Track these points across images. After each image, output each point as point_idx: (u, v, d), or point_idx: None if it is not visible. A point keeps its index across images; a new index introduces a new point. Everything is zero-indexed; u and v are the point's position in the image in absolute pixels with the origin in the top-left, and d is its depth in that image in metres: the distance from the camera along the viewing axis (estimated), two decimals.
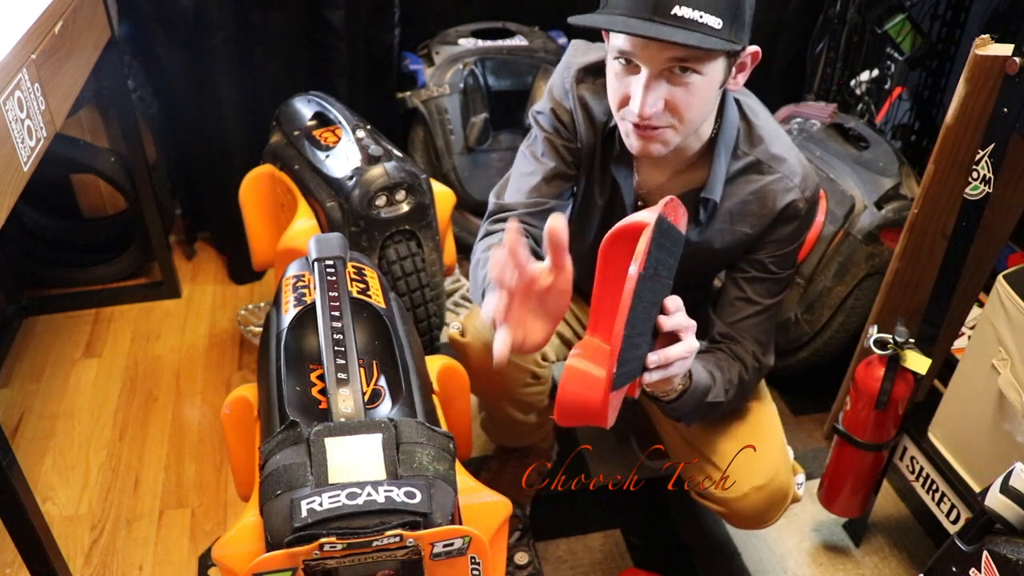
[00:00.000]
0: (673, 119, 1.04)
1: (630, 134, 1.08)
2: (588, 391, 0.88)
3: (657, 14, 0.95)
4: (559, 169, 1.23)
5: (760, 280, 1.22)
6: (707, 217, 1.18)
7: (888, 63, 2.10)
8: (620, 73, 1.04)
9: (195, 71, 2.03)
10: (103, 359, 2.00)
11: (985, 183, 1.18)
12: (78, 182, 2.23)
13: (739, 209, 1.17)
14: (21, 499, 1.16)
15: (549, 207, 1.23)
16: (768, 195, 1.16)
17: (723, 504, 1.29)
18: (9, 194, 1.14)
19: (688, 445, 1.35)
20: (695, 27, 0.95)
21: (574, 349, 0.91)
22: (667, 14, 0.95)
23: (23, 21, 1.26)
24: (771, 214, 1.16)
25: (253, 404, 1.13)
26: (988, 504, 0.89)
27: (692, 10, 0.95)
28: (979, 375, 1.26)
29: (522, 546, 1.50)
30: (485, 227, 1.26)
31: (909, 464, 1.43)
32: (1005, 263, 1.77)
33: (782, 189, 1.15)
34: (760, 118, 1.17)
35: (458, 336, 1.36)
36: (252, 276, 2.27)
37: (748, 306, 1.22)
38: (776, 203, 1.16)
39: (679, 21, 0.95)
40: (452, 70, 2.21)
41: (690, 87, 1.01)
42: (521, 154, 1.29)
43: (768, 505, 1.27)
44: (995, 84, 1.20)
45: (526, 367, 1.34)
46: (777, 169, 1.15)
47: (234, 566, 0.91)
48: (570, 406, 0.89)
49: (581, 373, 0.88)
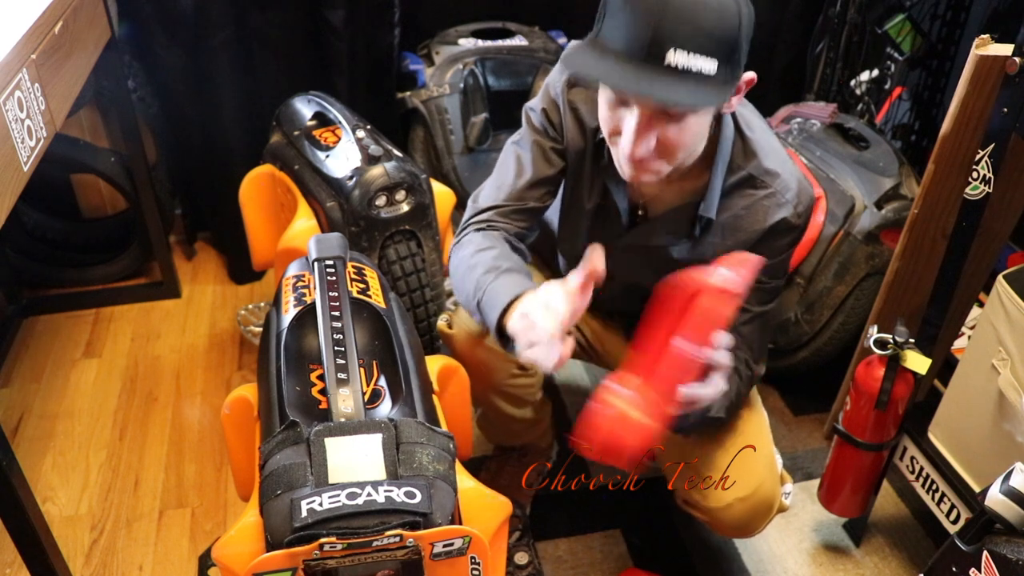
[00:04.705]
0: (664, 155, 1.04)
1: (622, 163, 1.08)
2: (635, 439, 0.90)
3: (650, 61, 0.94)
4: (543, 174, 1.24)
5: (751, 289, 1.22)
6: (701, 232, 1.19)
7: (888, 63, 2.10)
8: (612, 103, 1.03)
9: (195, 71, 2.03)
10: (103, 359, 2.00)
11: (985, 183, 1.18)
12: (78, 182, 2.23)
13: (731, 223, 1.18)
14: (21, 499, 1.16)
15: (529, 207, 1.24)
16: (760, 210, 1.16)
17: (707, 513, 1.29)
18: (9, 194, 1.14)
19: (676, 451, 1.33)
20: (689, 77, 0.94)
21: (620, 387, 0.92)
22: (660, 63, 0.93)
23: (23, 21, 1.26)
24: (762, 229, 1.16)
25: (253, 404, 1.13)
26: (988, 504, 0.89)
27: (687, 55, 0.93)
28: (979, 375, 1.26)
29: (522, 546, 1.50)
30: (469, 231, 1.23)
31: (909, 464, 1.43)
32: (1005, 263, 1.77)
33: (774, 204, 1.15)
34: (755, 130, 1.16)
35: (445, 328, 1.37)
36: (252, 276, 2.27)
37: (740, 314, 1.21)
38: (767, 219, 1.15)
39: (672, 73, 0.94)
40: (452, 70, 2.21)
41: (683, 125, 1.01)
42: (508, 151, 1.28)
43: (751, 516, 1.26)
44: (995, 84, 1.20)
45: (513, 358, 1.33)
46: (770, 184, 1.15)
47: (234, 566, 0.91)
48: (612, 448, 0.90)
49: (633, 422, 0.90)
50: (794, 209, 1.15)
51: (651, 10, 0.93)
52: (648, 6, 0.93)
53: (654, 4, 0.93)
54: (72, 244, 2.25)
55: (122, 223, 2.26)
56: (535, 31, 2.36)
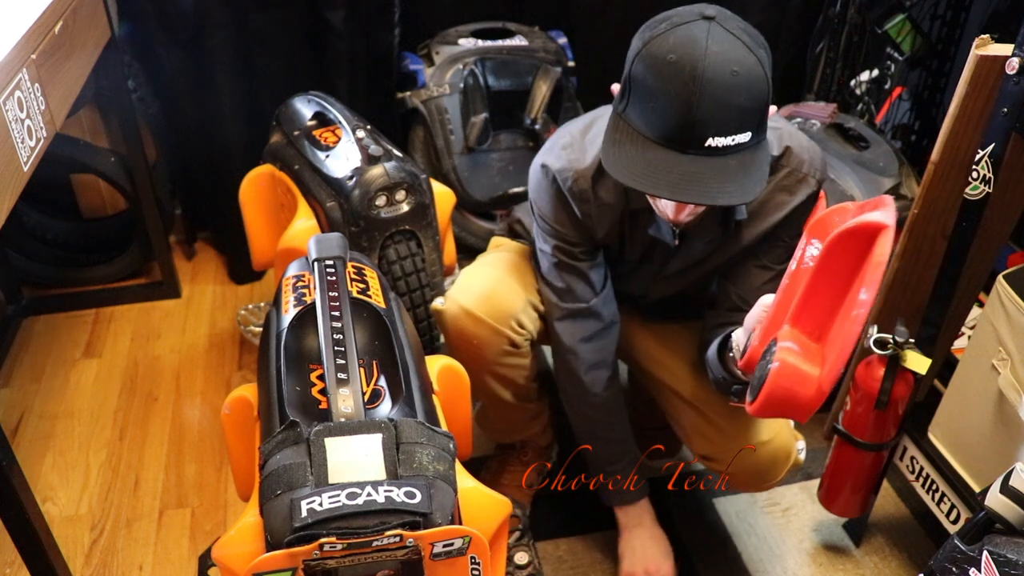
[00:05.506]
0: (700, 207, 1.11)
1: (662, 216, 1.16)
2: (801, 387, 0.92)
3: (692, 148, 0.98)
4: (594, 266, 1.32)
5: (773, 248, 1.28)
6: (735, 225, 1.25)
7: (888, 63, 2.10)
8: None
9: (195, 71, 2.03)
10: (103, 359, 2.00)
11: (985, 183, 1.18)
12: (78, 182, 2.23)
13: (758, 210, 1.24)
14: (21, 499, 1.16)
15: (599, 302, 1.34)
16: (783, 191, 1.22)
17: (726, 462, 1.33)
18: (9, 194, 1.14)
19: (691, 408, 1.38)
20: (729, 151, 0.99)
21: (792, 344, 0.94)
22: (701, 147, 0.98)
23: (23, 21, 1.26)
24: (790, 207, 1.23)
25: (253, 404, 1.13)
26: (988, 504, 0.89)
27: (724, 138, 0.98)
28: (979, 375, 1.26)
29: (522, 546, 1.50)
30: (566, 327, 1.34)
31: (909, 464, 1.43)
32: (1005, 263, 1.77)
33: (794, 182, 1.22)
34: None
35: (439, 307, 1.39)
36: (252, 276, 2.27)
37: (764, 272, 1.28)
38: (794, 197, 1.22)
39: (713, 152, 0.98)
40: (452, 70, 2.21)
41: None
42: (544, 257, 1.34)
43: (771, 463, 1.32)
44: (995, 84, 1.20)
45: (503, 332, 1.34)
46: (786, 164, 1.21)
47: (234, 566, 0.91)
48: (779, 400, 0.93)
49: (794, 369, 0.92)
50: (813, 178, 1.22)
51: (686, 100, 0.96)
52: (683, 96, 0.96)
53: (689, 93, 0.95)
54: (72, 244, 2.25)
55: (122, 223, 2.26)
56: (535, 31, 2.36)
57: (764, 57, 0.99)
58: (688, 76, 0.95)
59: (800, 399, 0.92)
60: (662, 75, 0.97)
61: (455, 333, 1.35)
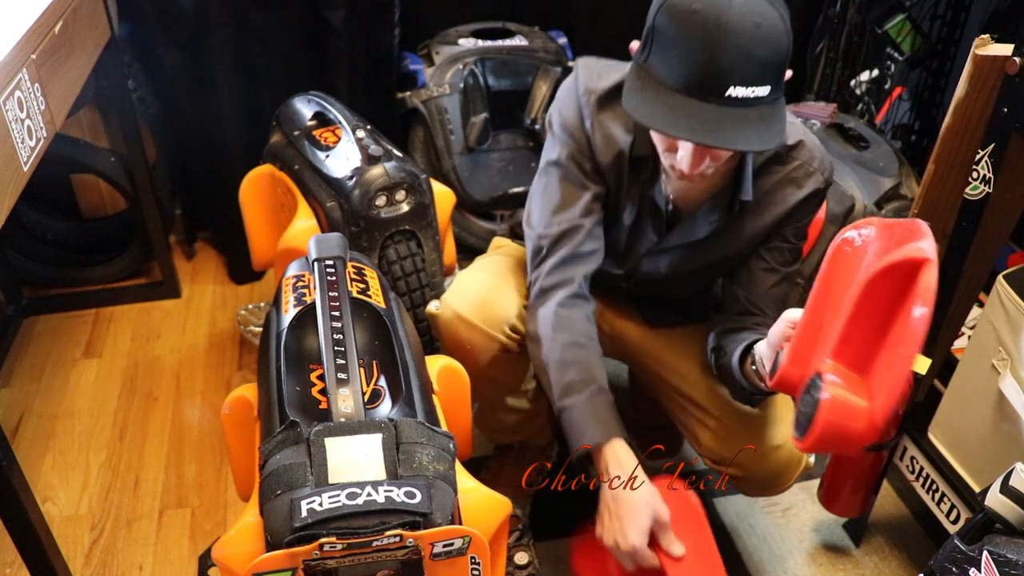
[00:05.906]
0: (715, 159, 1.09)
1: (671, 173, 1.14)
2: (852, 422, 0.91)
3: (713, 96, 0.97)
4: (593, 192, 1.26)
5: (779, 249, 1.28)
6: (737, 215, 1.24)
7: (888, 63, 2.10)
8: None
9: (195, 71, 2.03)
10: (103, 359, 2.00)
11: (985, 183, 1.18)
12: (78, 182, 2.23)
13: (765, 200, 1.23)
14: (21, 499, 1.16)
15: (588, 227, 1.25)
16: (791, 183, 1.22)
17: (740, 466, 1.32)
18: (9, 194, 1.14)
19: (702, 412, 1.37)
20: (748, 103, 0.98)
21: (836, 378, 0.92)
22: (723, 96, 0.97)
23: (23, 21, 1.26)
24: (796, 200, 1.22)
25: (253, 404, 1.13)
26: (988, 504, 0.88)
27: (745, 88, 0.97)
28: (979, 375, 1.26)
29: (522, 546, 1.50)
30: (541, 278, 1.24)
31: (909, 464, 1.43)
32: (1005, 263, 1.77)
33: (803, 175, 1.22)
34: None
35: (433, 311, 1.37)
36: (252, 276, 2.27)
37: (771, 275, 1.28)
38: (801, 190, 1.22)
39: (732, 103, 0.98)
40: (452, 70, 2.21)
41: None
42: (547, 174, 1.28)
43: (785, 466, 1.32)
44: (995, 84, 1.20)
45: (496, 338, 1.33)
46: (797, 157, 1.21)
47: (234, 566, 0.91)
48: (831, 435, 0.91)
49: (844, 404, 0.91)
50: (822, 175, 1.22)
51: (710, 48, 0.96)
52: (706, 44, 0.96)
53: (713, 41, 0.95)
54: (72, 244, 2.25)
55: (122, 223, 2.26)
56: (535, 31, 2.36)
57: (786, 14, 1.00)
58: (712, 25, 0.95)
59: (852, 433, 0.90)
60: (686, 24, 0.97)
61: (449, 338, 1.35)
